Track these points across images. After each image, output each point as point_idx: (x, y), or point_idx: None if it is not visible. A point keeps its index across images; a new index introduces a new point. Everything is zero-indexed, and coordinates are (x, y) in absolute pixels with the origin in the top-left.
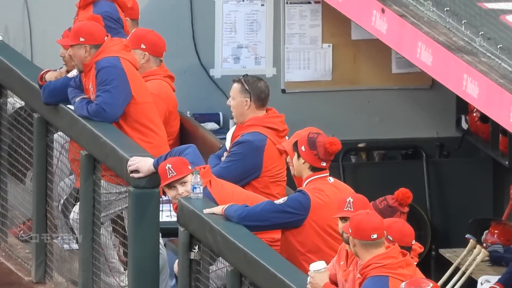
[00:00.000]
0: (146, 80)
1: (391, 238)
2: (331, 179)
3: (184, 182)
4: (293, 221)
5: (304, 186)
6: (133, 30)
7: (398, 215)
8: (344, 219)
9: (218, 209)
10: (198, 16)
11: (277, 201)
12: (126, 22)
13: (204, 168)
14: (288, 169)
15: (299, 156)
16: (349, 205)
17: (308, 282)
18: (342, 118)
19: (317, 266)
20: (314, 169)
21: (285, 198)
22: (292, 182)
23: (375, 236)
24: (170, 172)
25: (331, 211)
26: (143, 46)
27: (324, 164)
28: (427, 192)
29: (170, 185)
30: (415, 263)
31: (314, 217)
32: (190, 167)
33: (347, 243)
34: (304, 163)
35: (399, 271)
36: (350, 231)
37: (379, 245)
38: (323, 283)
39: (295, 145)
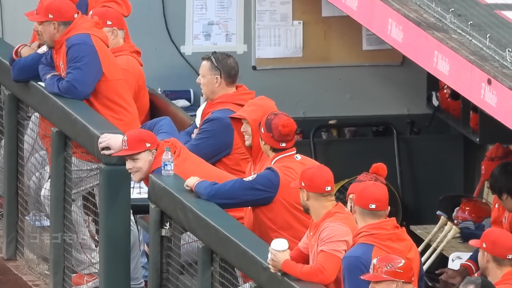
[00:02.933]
0: (114, 56)
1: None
2: (298, 157)
3: (136, 159)
4: (262, 198)
5: (272, 165)
6: (91, 12)
7: None
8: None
9: (191, 181)
10: None
11: (247, 179)
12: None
13: (168, 141)
14: None
15: (261, 138)
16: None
17: (268, 259)
18: (312, 95)
19: (278, 245)
20: (276, 150)
21: (254, 176)
22: None
23: (373, 206)
24: (124, 145)
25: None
26: (109, 22)
27: (284, 144)
28: (398, 169)
29: (126, 158)
30: None
31: (283, 195)
32: (147, 145)
33: (307, 211)
34: (265, 144)
35: (387, 243)
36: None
37: (377, 216)
38: (283, 260)
39: (259, 126)
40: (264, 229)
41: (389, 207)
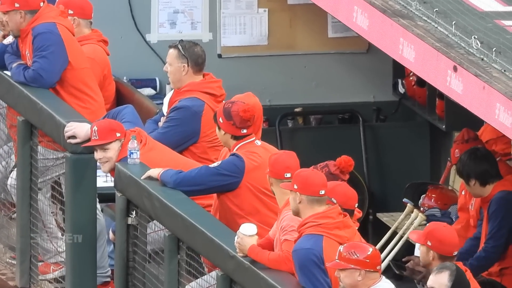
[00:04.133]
0: (80, 44)
1: (335, 201)
2: (258, 142)
3: (106, 149)
4: (228, 184)
5: (235, 151)
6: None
7: (339, 181)
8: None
9: (154, 172)
10: None
11: (212, 165)
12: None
13: (135, 131)
14: None
15: (219, 128)
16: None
17: (235, 241)
18: (278, 82)
19: (247, 230)
20: (237, 137)
21: (219, 162)
22: None
23: (323, 192)
24: (94, 135)
25: (265, 172)
26: (70, 11)
27: (245, 131)
28: (364, 157)
29: (95, 148)
30: (356, 228)
31: (249, 179)
32: (117, 135)
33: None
34: (225, 134)
35: (334, 232)
36: (296, 187)
37: (323, 203)
38: (249, 245)
39: (214, 117)
40: (231, 216)
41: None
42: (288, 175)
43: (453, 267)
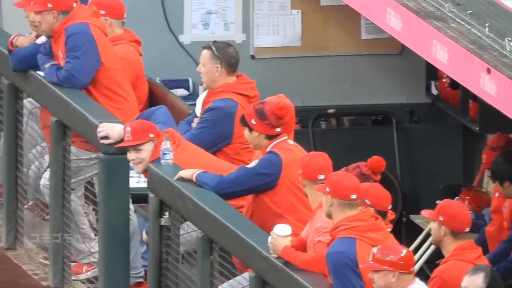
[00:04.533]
0: (113, 45)
1: (368, 202)
2: (291, 142)
3: (139, 149)
4: (267, 182)
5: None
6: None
7: (371, 182)
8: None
9: (187, 173)
10: None
11: (250, 165)
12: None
13: (168, 132)
14: None
15: (251, 130)
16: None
17: (269, 242)
18: (311, 84)
19: (281, 230)
20: (270, 137)
21: (256, 161)
22: None
23: (354, 196)
24: (128, 135)
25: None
26: (102, 12)
27: (279, 129)
28: (397, 158)
29: (128, 148)
30: (389, 230)
31: (286, 175)
32: (150, 135)
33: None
34: (258, 135)
35: (368, 234)
36: (328, 190)
37: (355, 207)
38: (282, 246)
39: (243, 120)
40: (269, 215)
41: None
42: (322, 176)
43: (488, 268)
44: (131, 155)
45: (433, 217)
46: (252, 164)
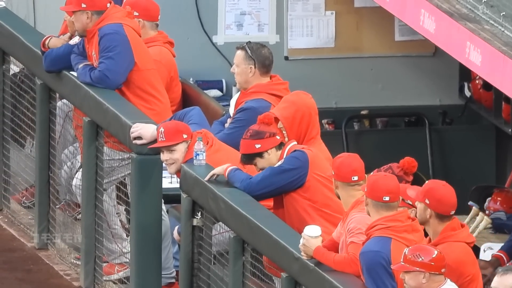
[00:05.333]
0: (147, 46)
1: (410, 202)
2: (304, 146)
3: (173, 150)
4: (297, 178)
5: (286, 154)
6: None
7: (403, 183)
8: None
9: (219, 170)
10: None
11: (276, 165)
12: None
13: (201, 132)
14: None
15: (261, 155)
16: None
17: (301, 244)
18: (344, 85)
19: (312, 231)
20: (280, 146)
21: (282, 160)
22: None
23: (387, 198)
24: (161, 136)
25: (324, 162)
26: (136, 13)
27: (278, 137)
28: (430, 160)
29: (161, 149)
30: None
31: (314, 169)
32: (184, 136)
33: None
34: (269, 153)
35: (403, 235)
36: (366, 190)
37: (390, 208)
38: (314, 247)
39: (249, 159)
40: (306, 212)
41: (400, 198)
42: (355, 177)
43: None
44: (164, 156)
45: (419, 199)
46: (278, 163)
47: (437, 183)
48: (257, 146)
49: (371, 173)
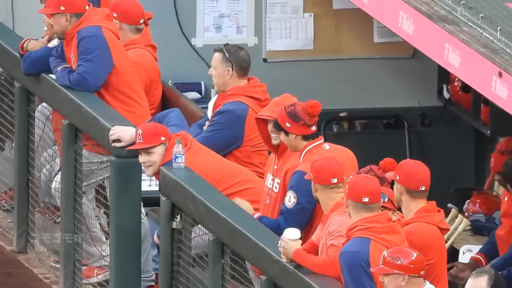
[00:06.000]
0: (127, 49)
1: (385, 199)
2: (327, 146)
3: (150, 152)
4: (313, 208)
5: (301, 160)
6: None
7: (386, 184)
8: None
9: (249, 210)
10: None
11: (289, 203)
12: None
13: (179, 134)
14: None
15: (287, 133)
16: None
17: (280, 246)
18: (323, 87)
19: (291, 234)
20: (307, 137)
21: (293, 195)
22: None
23: (366, 199)
24: (139, 138)
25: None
26: (115, 15)
27: (314, 128)
28: None
29: (139, 151)
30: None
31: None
32: (162, 138)
33: (318, 202)
34: (295, 137)
35: (383, 236)
36: (346, 191)
37: (370, 209)
38: (294, 249)
39: (277, 125)
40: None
41: (381, 200)
42: (335, 180)
43: (492, 271)
44: (142, 158)
45: (392, 177)
46: (291, 199)
47: (409, 160)
48: (287, 124)
49: (352, 176)
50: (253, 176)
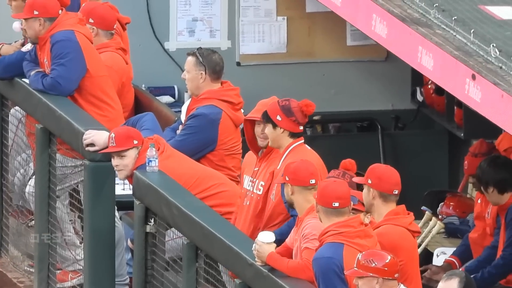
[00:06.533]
0: (99, 52)
1: (355, 202)
2: (308, 146)
3: (123, 156)
4: None
5: (284, 156)
6: (83, 5)
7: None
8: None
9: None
10: None
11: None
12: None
13: (152, 138)
14: (243, 141)
15: (275, 126)
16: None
17: (254, 249)
18: (297, 90)
19: (265, 237)
20: (293, 135)
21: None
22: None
23: (336, 204)
24: (111, 141)
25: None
26: (91, 20)
27: (301, 127)
28: None
29: (112, 155)
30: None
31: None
32: (134, 142)
33: (291, 206)
34: (283, 132)
35: (356, 240)
36: (316, 196)
37: (341, 214)
38: (268, 253)
39: (266, 116)
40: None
41: (352, 203)
42: (313, 181)
43: (463, 273)
44: (114, 161)
45: (362, 181)
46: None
47: (379, 165)
48: (278, 117)
49: (320, 182)
50: (225, 180)
